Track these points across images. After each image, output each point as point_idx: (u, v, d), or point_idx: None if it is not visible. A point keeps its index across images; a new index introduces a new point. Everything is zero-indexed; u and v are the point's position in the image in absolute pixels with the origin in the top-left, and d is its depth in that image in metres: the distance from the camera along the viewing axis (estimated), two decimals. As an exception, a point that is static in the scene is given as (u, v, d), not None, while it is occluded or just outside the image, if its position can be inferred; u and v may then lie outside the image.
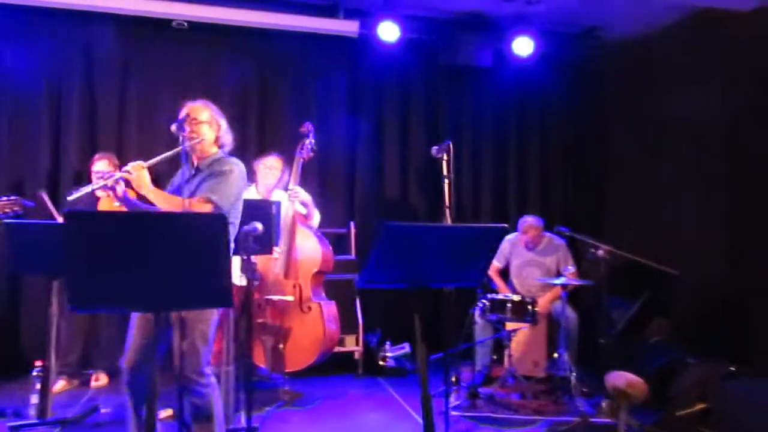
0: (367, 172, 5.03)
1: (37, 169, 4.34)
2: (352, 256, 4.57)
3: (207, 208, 2.39)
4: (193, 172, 2.61)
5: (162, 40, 4.56)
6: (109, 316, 4.05)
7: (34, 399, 3.34)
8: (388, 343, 4.47)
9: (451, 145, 2.83)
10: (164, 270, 1.65)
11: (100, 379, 4.02)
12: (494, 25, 4.89)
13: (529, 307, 3.63)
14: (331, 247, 3.92)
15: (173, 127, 2.50)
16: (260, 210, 3.05)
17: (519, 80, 5.25)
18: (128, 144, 4.51)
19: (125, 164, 4.05)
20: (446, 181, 2.81)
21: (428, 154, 2.96)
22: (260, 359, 3.68)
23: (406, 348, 4.47)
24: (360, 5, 4.67)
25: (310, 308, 3.70)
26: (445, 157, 2.82)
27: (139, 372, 2.36)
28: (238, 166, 2.59)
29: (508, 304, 3.63)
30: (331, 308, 3.83)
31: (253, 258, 2.62)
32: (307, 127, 3.77)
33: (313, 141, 3.77)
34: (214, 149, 2.65)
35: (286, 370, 3.76)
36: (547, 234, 4.36)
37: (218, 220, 1.69)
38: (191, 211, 2.27)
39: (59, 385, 3.84)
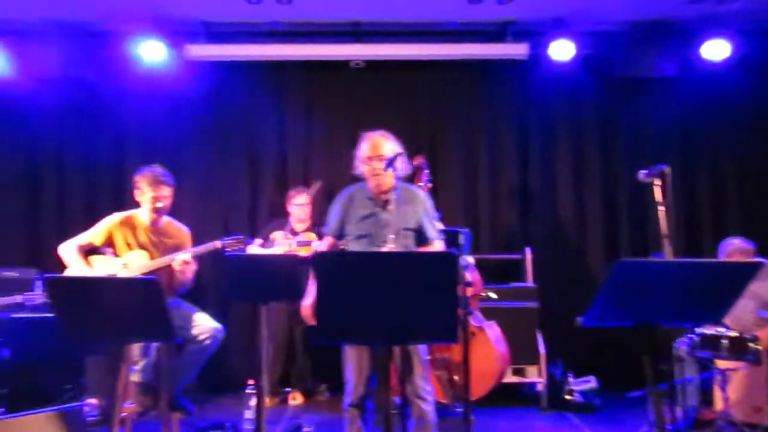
0: (541, 195, 4.88)
1: (238, 205, 4.87)
2: (530, 283, 4.43)
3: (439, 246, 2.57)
4: (379, 204, 2.70)
5: (341, 80, 4.90)
6: (305, 341, 4.39)
7: (248, 414, 3.68)
8: (570, 375, 4.25)
9: (666, 171, 2.61)
10: (400, 305, 1.73)
11: (296, 398, 4.34)
12: (679, 30, 4.51)
13: (751, 344, 3.20)
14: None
15: (379, 165, 2.61)
16: (448, 239, 3.10)
17: (710, 88, 4.75)
18: (315, 177, 4.87)
19: (316, 198, 4.44)
20: (661, 208, 2.60)
21: (606, 174, 2.77)
22: (439, 394, 3.70)
23: (592, 382, 4.20)
24: (528, 27, 4.61)
25: (473, 334, 3.65)
26: (656, 182, 2.61)
27: (362, 405, 2.53)
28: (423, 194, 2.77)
29: (724, 341, 3.23)
30: (494, 330, 3.80)
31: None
32: (419, 160, 3.73)
33: (428, 172, 3.69)
34: (393, 180, 2.72)
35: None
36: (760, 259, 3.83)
37: (448, 257, 1.73)
38: (425, 250, 2.39)
39: (253, 401, 4.21)
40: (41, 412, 2.83)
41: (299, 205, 4.39)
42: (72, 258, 3.10)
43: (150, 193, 3.22)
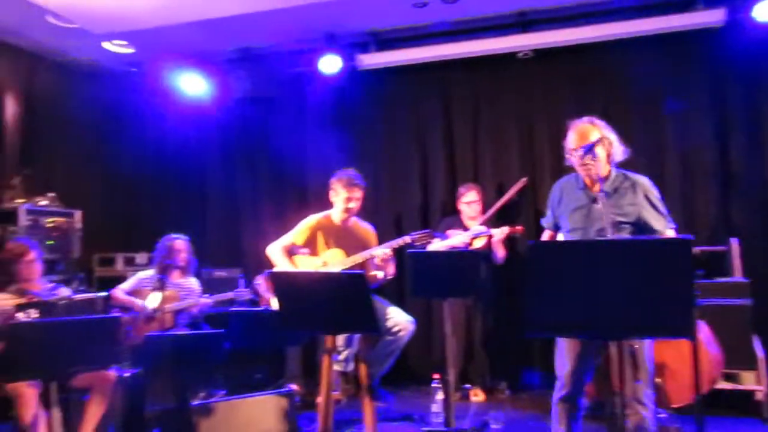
0: (746, 178, 4.29)
1: (410, 205, 5.02)
2: (741, 278, 3.91)
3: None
4: (592, 195, 2.55)
5: (508, 72, 4.80)
6: (483, 337, 4.36)
7: (434, 408, 3.77)
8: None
9: None
10: (627, 297, 1.62)
11: (478, 395, 4.32)
12: None
13: None
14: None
15: (579, 153, 2.50)
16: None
17: None
18: (484, 173, 4.84)
19: (485, 194, 4.40)
20: None
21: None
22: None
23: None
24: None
25: (685, 335, 3.30)
26: None
27: (575, 401, 2.43)
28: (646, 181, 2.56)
29: None
30: (704, 330, 3.42)
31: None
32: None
33: None
34: (608, 168, 2.58)
35: (672, 406, 3.42)
36: None
37: (683, 244, 1.58)
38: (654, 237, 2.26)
39: (440, 395, 4.27)
40: (260, 394, 3.17)
41: (468, 203, 4.39)
42: (278, 258, 3.42)
43: (344, 194, 3.44)
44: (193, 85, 5.02)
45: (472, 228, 4.26)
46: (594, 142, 2.47)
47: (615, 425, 1.77)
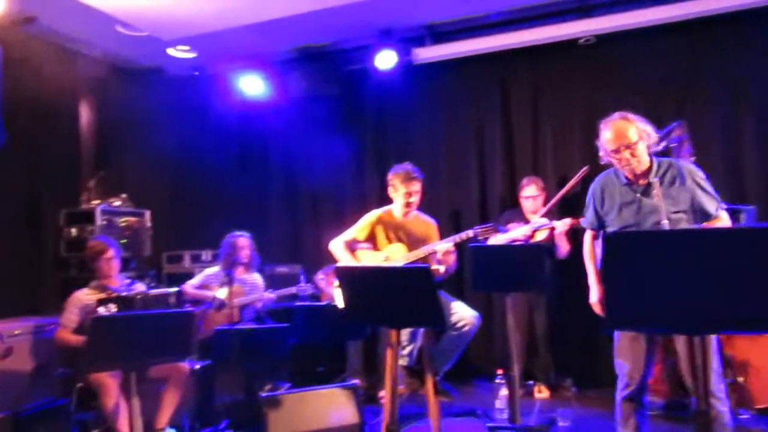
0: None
1: (469, 199, 4.96)
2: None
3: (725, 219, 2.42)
4: (640, 189, 2.51)
5: (568, 60, 4.66)
6: (546, 333, 4.27)
7: (498, 404, 3.72)
8: None
9: None
10: (713, 289, 1.53)
11: (542, 392, 4.23)
12: None
13: None
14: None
15: (628, 155, 2.43)
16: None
17: None
18: (544, 165, 4.72)
19: (546, 187, 4.30)
20: None
21: None
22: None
23: None
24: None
25: None
26: None
27: (639, 399, 2.35)
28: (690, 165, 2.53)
29: None
30: None
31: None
32: (679, 131, 3.23)
33: (689, 144, 3.26)
34: (647, 159, 2.52)
35: (756, 406, 3.24)
36: None
37: None
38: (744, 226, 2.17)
39: (504, 391, 4.20)
40: (327, 387, 3.22)
41: (527, 197, 4.28)
42: (341, 253, 3.46)
43: (403, 189, 3.44)
44: (252, 85, 5.14)
45: (533, 220, 4.16)
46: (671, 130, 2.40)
47: (701, 423, 1.68)
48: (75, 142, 4.92)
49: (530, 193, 4.28)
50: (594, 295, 2.68)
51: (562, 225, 4.03)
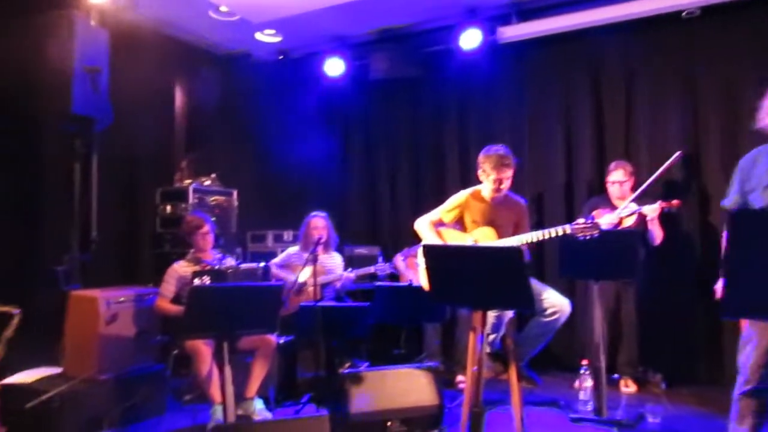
0: None
1: (555, 182, 4.78)
2: None
3: None
4: None
5: (669, 34, 4.34)
6: (635, 324, 4.05)
7: (582, 395, 3.59)
8: None
9: None
10: None
11: (629, 386, 4.03)
12: None
13: None
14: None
15: None
16: None
17: None
18: (636, 149, 4.46)
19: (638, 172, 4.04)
20: None
21: None
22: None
23: None
24: None
25: None
26: None
27: (762, 397, 2.17)
28: None
29: None
30: None
31: None
32: None
33: None
34: None
35: None
36: None
37: None
38: None
39: (588, 382, 4.03)
40: (407, 366, 3.22)
41: (614, 182, 4.05)
42: (427, 232, 3.43)
43: (493, 175, 3.35)
44: (335, 68, 5.19)
45: (620, 207, 3.92)
46: None
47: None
48: (170, 124, 5.17)
49: (617, 178, 4.05)
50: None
51: (652, 211, 3.78)
